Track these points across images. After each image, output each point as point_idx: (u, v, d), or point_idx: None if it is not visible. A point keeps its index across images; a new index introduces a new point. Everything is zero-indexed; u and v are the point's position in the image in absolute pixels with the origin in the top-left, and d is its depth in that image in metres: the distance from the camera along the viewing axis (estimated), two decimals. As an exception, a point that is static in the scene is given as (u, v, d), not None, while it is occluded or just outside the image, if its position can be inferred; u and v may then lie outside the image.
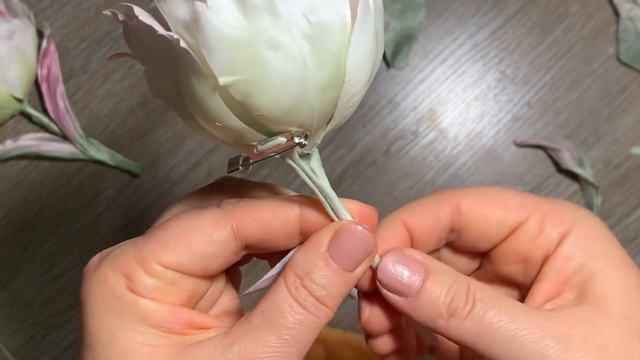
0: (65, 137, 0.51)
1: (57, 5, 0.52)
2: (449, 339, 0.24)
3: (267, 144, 0.22)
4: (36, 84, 0.52)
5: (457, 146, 0.52)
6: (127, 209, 0.51)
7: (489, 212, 0.26)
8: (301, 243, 0.24)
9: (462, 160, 0.52)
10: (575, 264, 0.25)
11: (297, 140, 0.22)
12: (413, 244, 0.27)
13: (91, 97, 0.52)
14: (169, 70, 0.21)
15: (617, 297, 0.24)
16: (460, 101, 0.52)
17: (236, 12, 0.19)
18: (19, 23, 0.48)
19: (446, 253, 0.29)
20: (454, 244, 0.28)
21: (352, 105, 0.23)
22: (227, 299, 0.27)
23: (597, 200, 0.50)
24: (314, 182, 0.24)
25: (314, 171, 0.24)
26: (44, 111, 0.51)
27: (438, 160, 0.52)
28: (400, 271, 0.24)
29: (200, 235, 0.23)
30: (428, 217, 0.26)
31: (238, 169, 0.23)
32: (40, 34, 0.51)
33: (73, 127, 0.50)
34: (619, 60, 0.52)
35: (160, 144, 0.51)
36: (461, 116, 0.52)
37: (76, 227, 0.51)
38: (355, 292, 0.26)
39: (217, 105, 0.21)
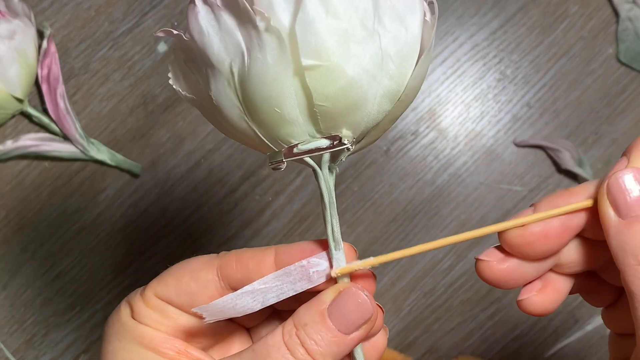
0: (65, 137, 0.51)
1: (58, 5, 0.52)
2: (623, 280, 0.22)
3: (309, 144, 0.23)
4: (36, 84, 0.52)
5: (457, 146, 0.52)
6: (128, 209, 0.51)
7: None
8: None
9: (461, 160, 0.52)
10: None
11: (346, 141, 0.23)
12: None
13: (91, 97, 0.52)
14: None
15: None
16: (460, 101, 0.52)
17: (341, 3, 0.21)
18: (19, 23, 0.48)
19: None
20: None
21: (385, 130, 0.25)
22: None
23: (597, 200, 0.50)
24: (329, 197, 0.24)
25: (329, 189, 0.25)
26: (44, 111, 0.51)
27: (438, 160, 0.52)
28: (635, 189, 0.22)
29: (189, 273, 0.25)
30: None
31: (279, 161, 0.24)
32: (40, 34, 0.51)
33: (73, 127, 0.50)
34: (618, 60, 0.52)
35: (160, 144, 0.51)
36: (461, 116, 0.52)
37: (76, 227, 0.51)
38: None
39: (287, 89, 0.21)
